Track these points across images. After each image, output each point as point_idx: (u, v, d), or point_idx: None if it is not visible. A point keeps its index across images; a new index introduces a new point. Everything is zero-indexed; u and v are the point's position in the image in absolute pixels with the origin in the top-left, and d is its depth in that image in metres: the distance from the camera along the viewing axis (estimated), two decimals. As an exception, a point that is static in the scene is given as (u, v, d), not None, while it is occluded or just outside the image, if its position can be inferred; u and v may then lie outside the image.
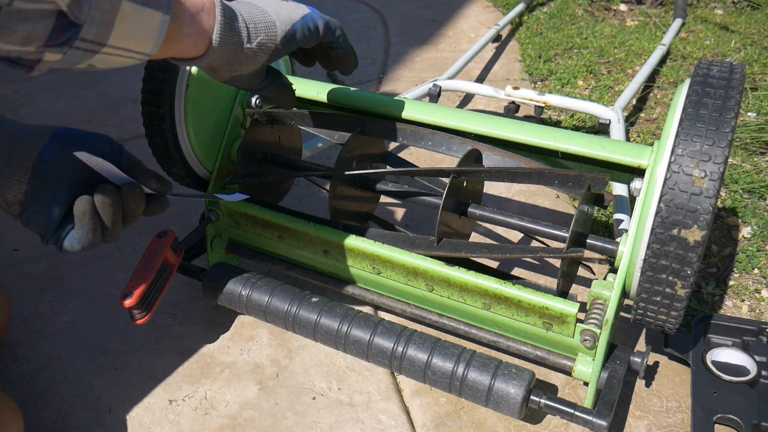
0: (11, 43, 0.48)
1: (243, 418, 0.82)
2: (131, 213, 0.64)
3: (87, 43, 0.51)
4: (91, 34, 0.51)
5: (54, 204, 0.61)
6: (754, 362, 0.81)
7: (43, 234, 0.62)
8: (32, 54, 0.50)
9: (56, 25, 0.49)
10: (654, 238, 0.62)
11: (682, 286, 0.64)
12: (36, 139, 0.61)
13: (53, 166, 0.60)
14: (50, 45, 0.50)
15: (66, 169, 0.61)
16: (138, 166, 0.66)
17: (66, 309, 1.00)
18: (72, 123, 1.53)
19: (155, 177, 0.67)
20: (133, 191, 0.63)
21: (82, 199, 0.61)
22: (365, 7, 2.22)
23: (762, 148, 1.29)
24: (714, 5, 2.06)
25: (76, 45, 0.51)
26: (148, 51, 0.57)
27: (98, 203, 0.62)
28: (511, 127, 0.81)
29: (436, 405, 0.82)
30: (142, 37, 0.55)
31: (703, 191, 0.60)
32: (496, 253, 0.76)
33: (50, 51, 0.50)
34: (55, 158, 0.61)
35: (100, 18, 0.51)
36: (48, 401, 0.85)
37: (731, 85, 0.64)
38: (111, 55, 0.54)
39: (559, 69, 1.69)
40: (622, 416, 0.80)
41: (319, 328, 0.82)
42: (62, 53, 0.51)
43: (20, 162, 0.59)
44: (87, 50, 0.52)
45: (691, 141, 0.61)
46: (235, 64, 0.66)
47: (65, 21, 0.49)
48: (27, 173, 0.59)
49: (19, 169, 0.59)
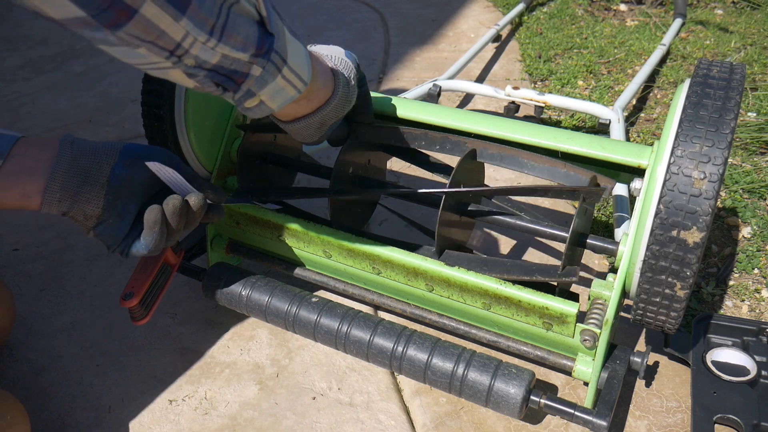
0: (235, 47, 0.53)
1: (243, 418, 0.82)
2: (193, 221, 0.69)
3: (278, 56, 0.57)
4: (279, 46, 0.57)
5: (125, 215, 0.65)
6: (754, 362, 0.81)
7: (112, 243, 0.66)
8: (245, 65, 0.55)
9: (259, 32, 0.54)
10: (653, 239, 0.63)
11: (682, 288, 0.64)
12: (107, 156, 0.65)
13: (125, 181, 0.65)
14: (258, 53, 0.55)
15: (136, 182, 0.66)
16: (195, 177, 0.71)
17: (66, 309, 1.00)
18: (72, 123, 1.53)
19: (211, 188, 0.72)
20: (198, 201, 0.68)
21: (154, 208, 0.66)
22: (365, 7, 2.22)
23: (762, 148, 1.29)
24: (714, 5, 2.06)
25: (272, 57, 0.56)
26: (306, 78, 0.62)
27: (168, 212, 0.66)
28: (511, 127, 0.81)
29: (436, 405, 0.82)
30: (301, 61, 0.61)
31: (702, 192, 0.60)
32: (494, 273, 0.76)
33: (257, 63, 0.56)
34: (126, 173, 0.65)
35: (280, 33, 0.57)
36: (48, 401, 0.85)
37: (731, 86, 0.64)
38: (285, 80, 0.60)
39: (559, 69, 1.69)
40: (622, 416, 0.80)
41: (319, 328, 0.83)
42: (262, 66, 0.56)
43: (96, 178, 0.63)
44: (276, 66, 0.57)
45: (691, 142, 0.61)
46: (345, 106, 0.73)
47: (263, 30, 0.55)
48: (103, 188, 0.63)
49: (96, 185, 0.63)
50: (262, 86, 0.58)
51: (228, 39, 0.52)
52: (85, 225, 0.65)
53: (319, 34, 1.99)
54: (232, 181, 0.96)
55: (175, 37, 0.49)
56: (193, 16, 0.48)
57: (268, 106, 0.62)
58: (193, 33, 0.49)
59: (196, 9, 0.48)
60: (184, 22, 0.48)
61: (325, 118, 0.71)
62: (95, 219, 0.64)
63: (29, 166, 0.62)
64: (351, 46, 1.91)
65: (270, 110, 0.63)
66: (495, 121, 0.82)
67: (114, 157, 0.65)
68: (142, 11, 0.45)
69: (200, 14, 0.48)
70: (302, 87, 0.62)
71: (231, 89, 0.57)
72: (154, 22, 0.46)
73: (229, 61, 0.54)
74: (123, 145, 0.67)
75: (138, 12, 0.45)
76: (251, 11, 0.53)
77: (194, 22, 0.48)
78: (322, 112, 0.70)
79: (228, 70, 0.55)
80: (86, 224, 0.64)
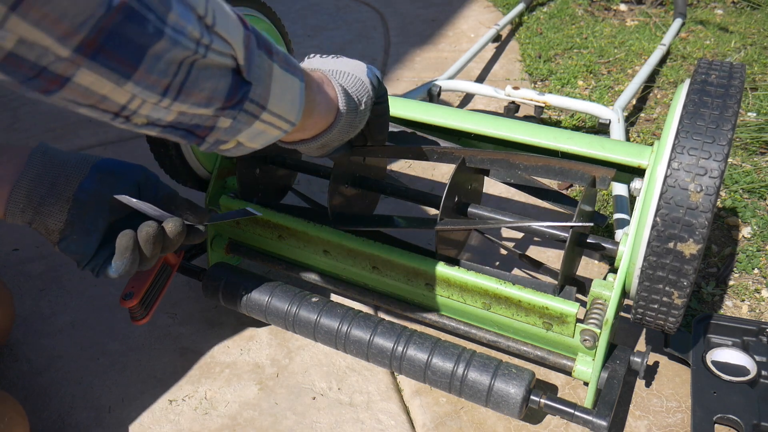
0: (197, 104, 0.48)
1: (243, 418, 0.82)
2: (170, 246, 0.66)
3: (254, 105, 0.52)
4: (257, 94, 0.52)
5: (92, 232, 0.62)
6: (754, 362, 0.81)
7: (79, 261, 0.64)
8: (209, 119, 0.51)
9: (232, 83, 0.49)
10: (654, 236, 0.63)
11: (679, 296, 0.64)
12: (77, 169, 0.62)
13: (93, 197, 0.62)
14: (226, 106, 0.50)
15: (104, 199, 0.63)
16: (174, 198, 0.68)
17: (66, 309, 1.00)
18: (72, 123, 1.53)
19: (191, 209, 0.68)
20: (175, 228, 0.65)
21: (126, 234, 0.63)
22: (365, 7, 2.22)
23: (762, 148, 1.29)
24: (714, 5, 2.06)
25: (245, 107, 0.51)
26: (293, 119, 0.58)
27: (141, 239, 0.63)
28: (511, 127, 0.81)
29: (436, 405, 0.82)
30: (288, 102, 0.56)
31: (702, 189, 0.60)
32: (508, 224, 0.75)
33: (224, 115, 0.51)
34: (95, 189, 0.62)
35: (263, 78, 0.52)
36: (48, 401, 0.85)
37: (731, 85, 0.64)
38: (265, 123, 0.55)
39: (559, 69, 1.69)
40: (622, 416, 0.80)
41: (319, 328, 0.83)
42: (233, 117, 0.51)
43: (62, 191, 0.61)
44: (251, 114, 0.53)
45: (691, 140, 0.61)
46: (350, 132, 0.68)
47: (239, 79, 0.49)
48: (68, 203, 0.61)
49: (60, 199, 0.61)
50: (234, 134, 0.54)
51: (187, 97, 0.46)
52: (49, 239, 0.62)
53: (319, 34, 1.99)
54: (232, 181, 0.96)
55: (118, 101, 0.44)
56: (141, 80, 0.43)
57: (247, 146, 0.57)
58: (142, 95, 0.44)
59: (144, 73, 0.42)
60: (129, 86, 0.43)
61: (327, 142, 0.67)
62: (57, 234, 0.61)
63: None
64: (351, 46, 1.91)
65: (252, 149, 0.58)
66: (495, 121, 0.82)
67: (84, 171, 0.62)
68: (76, 80, 0.40)
69: (150, 77, 0.43)
70: (288, 127, 0.58)
71: (194, 142, 0.53)
72: (92, 89, 0.42)
73: (188, 117, 0.49)
74: (97, 159, 0.64)
75: (70, 80, 0.40)
76: (223, 62, 0.47)
77: (142, 86, 0.43)
78: (322, 138, 0.65)
79: (188, 125, 0.50)
80: (50, 238, 0.62)
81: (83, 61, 0.39)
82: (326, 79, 0.64)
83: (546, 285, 0.75)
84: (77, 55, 0.39)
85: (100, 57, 0.40)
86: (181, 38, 0.43)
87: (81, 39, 0.38)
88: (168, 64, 0.43)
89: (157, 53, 0.42)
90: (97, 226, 0.62)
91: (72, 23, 0.37)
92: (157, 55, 0.42)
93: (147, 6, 0.40)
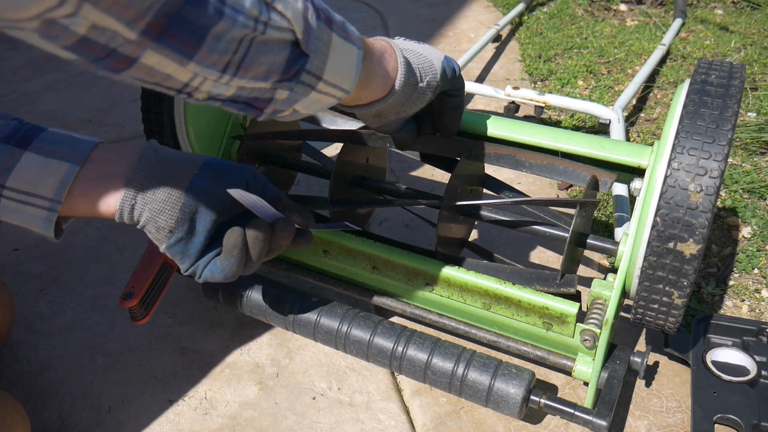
0: (255, 78, 0.49)
1: (243, 418, 0.82)
2: (276, 248, 0.64)
3: (310, 76, 0.52)
4: (314, 65, 0.52)
5: (200, 232, 0.61)
6: (754, 362, 0.81)
7: (182, 260, 0.62)
8: (267, 92, 0.51)
9: (290, 56, 0.50)
10: (653, 236, 0.63)
11: (679, 296, 0.64)
12: (188, 167, 0.61)
13: (203, 195, 0.60)
14: (284, 79, 0.51)
15: (214, 198, 0.61)
16: (281, 199, 0.66)
17: (66, 309, 1.00)
18: (72, 122, 1.53)
19: (299, 211, 0.66)
20: (285, 228, 0.63)
21: (235, 231, 0.61)
22: (365, 7, 2.22)
23: (762, 148, 1.29)
24: (714, 5, 2.06)
25: (302, 78, 0.52)
26: (347, 87, 0.57)
27: (250, 238, 0.61)
28: (511, 127, 0.81)
29: (436, 405, 0.82)
30: (345, 71, 0.56)
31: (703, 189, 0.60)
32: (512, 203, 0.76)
33: (282, 87, 0.52)
34: (205, 187, 0.60)
35: (321, 49, 0.52)
36: (48, 401, 0.85)
37: (731, 85, 0.64)
38: (320, 93, 0.55)
39: (559, 69, 1.69)
40: (622, 416, 0.80)
41: (319, 328, 0.82)
42: (290, 89, 0.52)
43: (174, 188, 0.59)
44: (308, 85, 0.53)
45: (691, 140, 0.61)
46: (406, 106, 0.67)
47: (297, 51, 0.50)
48: (180, 200, 0.59)
49: (172, 196, 0.59)
50: (291, 104, 0.54)
51: (245, 72, 0.48)
52: (157, 238, 0.60)
53: (319, 34, 1.99)
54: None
55: (181, 79, 0.46)
56: (203, 60, 0.45)
57: (303, 113, 0.58)
58: (203, 74, 0.46)
59: (205, 53, 0.44)
60: (191, 65, 0.45)
61: (382, 111, 0.66)
62: (168, 232, 0.59)
63: (108, 171, 0.59)
64: (351, 46, 1.90)
65: (306, 115, 0.59)
66: (495, 121, 0.82)
67: (195, 169, 0.61)
68: (142, 60, 0.43)
69: (211, 57, 0.45)
70: (342, 95, 0.58)
71: (253, 113, 0.54)
72: (157, 68, 0.44)
73: (247, 91, 0.50)
74: (206, 157, 0.63)
75: (137, 61, 0.43)
76: (282, 36, 0.48)
77: (204, 65, 0.45)
78: (377, 106, 0.65)
79: (246, 98, 0.52)
80: (158, 237, 0.60)
81: (149, 43, 0.42)
82: (389, 48, 0.63)
83: (546, 274, 0.75)
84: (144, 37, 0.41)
85: (164, 39, 0.42)
86: (240, 17, 0.44)
87: (147, 22, 0.40)
88: (228, 43, 0.45)
89: (217, 34, 0.44)
90: (205, 225, 0.61)
91: (139, 8, 0.40)
92: (218, 36, 0.44)
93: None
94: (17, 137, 0.59)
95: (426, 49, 0.69)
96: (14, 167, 0.57)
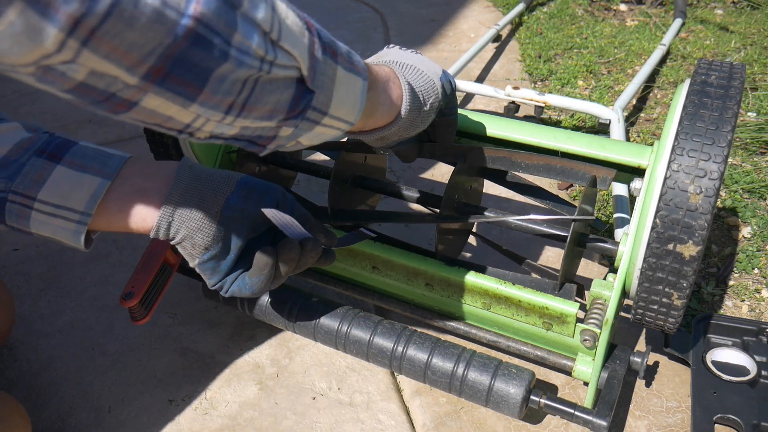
0: (259, 118, 0.47)
1: (243, 418, 0.82)
2: (303, 266, 0.66)
3: (316, 112, 0.51)
4: (319, 101, 0.50)
5: (233, 250, 0.62)
6: (754, 362, 0.81)
7: (212, 276, 0.63)
8: (271, 130, 0.50)
9: (295, 93, 0.48)
10: (653, 238, 0.63)
11: (679, 297, 0.64)
12: (224, 185, 0.62)
13: (239, 212, 0.62)
14: (289, 117, 0.49)
15: (248, 216, 0.62)
16: (308, 219, 0.68)
17: (66, 309, 1.00)
18: (72, 123, 1.53)
19: (323, 231, 0.68)
20: (314, 248, 0.65)
21: (268, 250, 0.63)
22: (365, 7, 2.22)
23: (762, 148, 1.29)
24: (714, 5, 2.06)
25: (308, 115, 0.50)
26: (352, 119, 0.56)
27: (282, 257, 0.63)
28: (511, 127, 0.81)
29: (436, 405, 0.82)
30: (350, 104, 0.55)
31: (702, 190, 0.60)
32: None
33: (287, 124, 0.50)
34: (241, 205, 0.62)
35: (326, 84, 0.50)
36: (48, 401, 0.85)
37: (731, 85, 0.64)
38: (324, 126, 0.54)
39: (559, 69, 1.69)
40: (622, 416, 0.80)
41: (319, 328, 0.82)
42: (294, 126, 0.51)
43: (210, 206, 0.60)
44: (313, 121, 0.51)
45: (691, 141, 0.61)
46: (410, 130, 0.67)
47: (302, 88, 0.48)
48: (216, 218, 0.60)
49: (209, 214, 0.60)
50: (294, 139, 0.53)
51: (250, 112, 0.46)
52: (191, 254, 0.61)
53: (319, 34, 1.99)
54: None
55: (183, 120, 0.44)
56: (206, 101, 0.43)
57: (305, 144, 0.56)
58: (206, 115, 0.44)
59: (209, 94, 0.42)
60: (194, 107, 0.43)
61: (385, 137, 0.66)
62: (202, 248, 0.60)
63: (144, 187, 0.59)
64: (351, 46, 1.89)
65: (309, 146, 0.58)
66: (495, 121, 0.82)
67: (231, 187, 0.61)
68: (143, 104, 0.41)
69: (215, 98, 0.43)
70: (347, 127, 0.57)
71: (256, 150, 0.53)
72: (158, 111, 0.42)
73: (251, 130, 0.49)
74: (240, 176, 0.63)
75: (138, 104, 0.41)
76: (287, 74, 0.46)
77: (207, 107, 0.43)
78: (380, 133, 0.64)
79: (250, 137, 0.50)
80: (192, 253, 0.61)
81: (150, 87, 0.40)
82: (393, 75, 0.63)
83: (546, 283, 0.75)
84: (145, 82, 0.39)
85: (166, 83, 0.40)
86: (245, 58, 0.42)
87: (148, 67, 0.38)
88: (232, 84, 0.43)
89: (221, 75, 0.42)
90: (237, 243, 0.62)
91: (140, 53, 0.37)
92: (222, 77, 0.42)
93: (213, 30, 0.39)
94: (49, 150, 0.60)
95: (425, 64, 0.67)
96: (46, 180, 0.58)
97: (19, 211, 0.59)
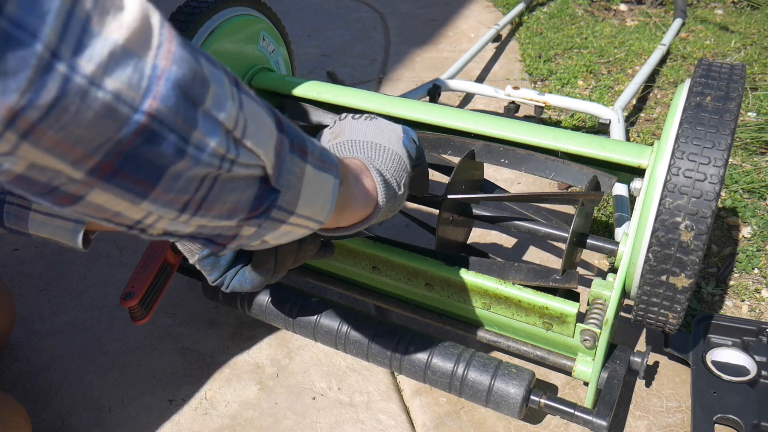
0: (218, 217, 0.45)
1: (243, 418, 0.82)
2: (302, 259, 0.66)
3: (281, 212, 0.49)
4: (285, 201, 0.48)
5: None
6: (754, 362, 0.81)
7: (212, 272, 0.63)
8: (231, 230, 0.48)
9: (258, 192, 0.46)
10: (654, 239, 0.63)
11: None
12: None
13: None
14: (251, 216, 0.47)
15: None
16: None
17: (66, 309, 1.00)
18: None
19: None
20: (312, 241, 0.65)
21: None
22: (365, 7, 2.22)
23: (762, 148, 1.29)
24: (714, 5, 2.06)
25: (272, 215, 0.48)
26: (322, 218, 0.55)
27: (281, 250, 0.63)
28: (511, 127, 0.81)
29: (436, 405, 0.82)
30: (319, 203, 0.53)
31: (702, 194, 0.60)
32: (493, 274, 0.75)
33: (248, 224, 0.48)
34: None
35: (293, 183, 0.48)
36: (48, 401, 0.85)
37: (731, 86, 0.64)
38: (292, 225, 0.52)
39: (559, 69, 1.69)
40: (622, 416, 0.80)
41: (319, 328, 0.83)
42: (257, 225, 0.48)
43: None
44: (278, 220, 0.49)
45: (691, 143, 0.61)
46: (389, 214, 0.66)
47: (266, 188, 0.46)
48: None
49: None
50: (258, 239, 0.51)
51: (207, 211, 0.44)
52: (190, 250, 0.61)
53: (319, 34, 1.99)
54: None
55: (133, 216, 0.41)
56: (159, 199, 0.40)
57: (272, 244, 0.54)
58: (158, 212, 0.41)
59: (161, 192, 0.40)
60: (145, 204, 0.40)
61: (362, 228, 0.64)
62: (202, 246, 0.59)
63: None
64: (351, 46, 1.91)
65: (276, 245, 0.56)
66: (495, 121, 0.82)
67: None
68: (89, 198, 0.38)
69: (168, 196, 0.40)
70: (316, 226, 0.54)
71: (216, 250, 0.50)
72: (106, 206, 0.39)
73: (209, 229, 0.46)
74: None
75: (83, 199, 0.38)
76: (250, 173, 0.44)
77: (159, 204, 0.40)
78: (359, 227, 0.62)
79: (208, 235, 0.47)
80: (191, 249, 0.61)
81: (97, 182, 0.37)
82: (364, 167, 0.61)
83: (546, 270, 0.75)
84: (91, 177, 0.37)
85: (115, 179, 0.38)
86: (204, 156, 0.40)
87: (95, 162, 0.36)
88: (188, 182, 0.40)
89: (176, 172, 0.39)
90: None
91: (87, 148, 0.35)
92: (177, 174, 0.40)
93: (169, 127, 0.37)
94: None
95: (383, 132, 0.65)
96: None
97: (17, 212, 0.60)
